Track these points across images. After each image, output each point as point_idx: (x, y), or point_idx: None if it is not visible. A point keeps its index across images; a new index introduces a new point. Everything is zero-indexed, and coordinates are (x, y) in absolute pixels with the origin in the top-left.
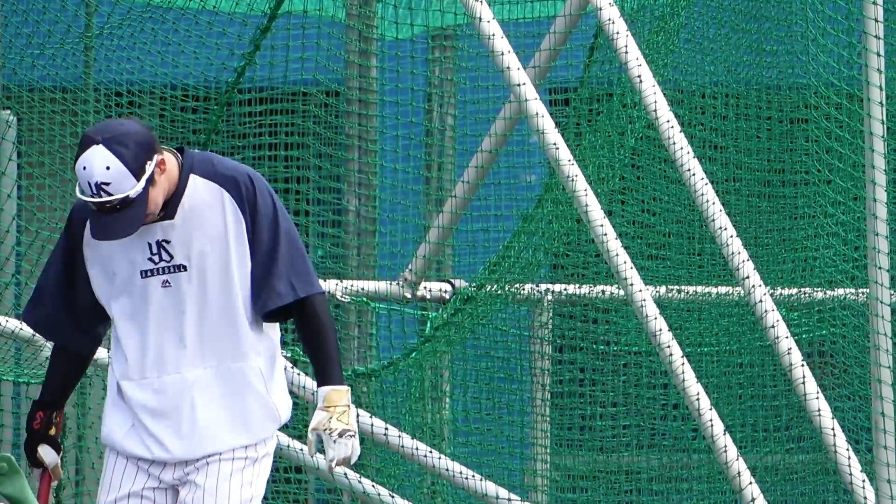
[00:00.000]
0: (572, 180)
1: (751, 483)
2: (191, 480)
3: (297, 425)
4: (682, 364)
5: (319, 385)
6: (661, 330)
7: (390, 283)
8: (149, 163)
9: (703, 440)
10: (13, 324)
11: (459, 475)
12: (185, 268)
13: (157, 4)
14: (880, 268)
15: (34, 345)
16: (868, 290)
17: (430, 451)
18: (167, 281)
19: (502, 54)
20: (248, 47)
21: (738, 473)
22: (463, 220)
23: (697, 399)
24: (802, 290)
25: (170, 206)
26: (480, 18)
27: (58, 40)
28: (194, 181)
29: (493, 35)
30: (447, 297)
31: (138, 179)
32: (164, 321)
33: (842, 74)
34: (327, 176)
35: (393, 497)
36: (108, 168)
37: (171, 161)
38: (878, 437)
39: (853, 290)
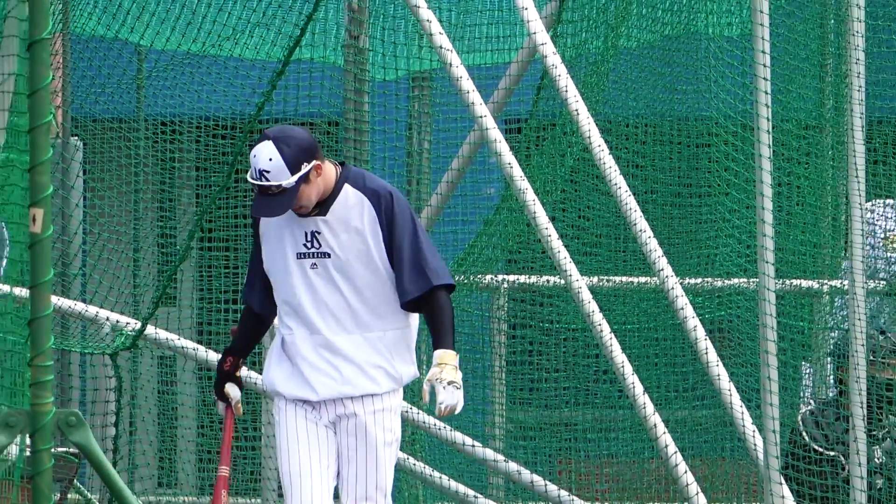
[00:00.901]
0: (523, 192)
1: (664, 433)
2: (342, 416)
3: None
4: (611, 338)
5: (434, 349)
6: (593, 311)
7: None
8: (305, 164)
9: (627, 399)
10: (80, 306)
11: (433, 426)
12: (329, 255)
13: (194, 52)
14: (767, 262)
15: (97, 323)
16: (757, 280)
17: (410, 408)
18: (315, 264)
19: (468, 92)
20: (267, 87)
21: (655, 425)
22: (437, 224)
23: (622, 366)
24: (705, 279)
25: (324, 206)
26: (451, 64)
27: (115, 81)
28: (346, 189)
29: (461, 77)
30: None
31: (293, 174)
32: (313, 295)
33: (737, 108)
34: None
35: None
36: (270, 160)
37: (329, 169)
38: (765, 396)
39: (746, 280)
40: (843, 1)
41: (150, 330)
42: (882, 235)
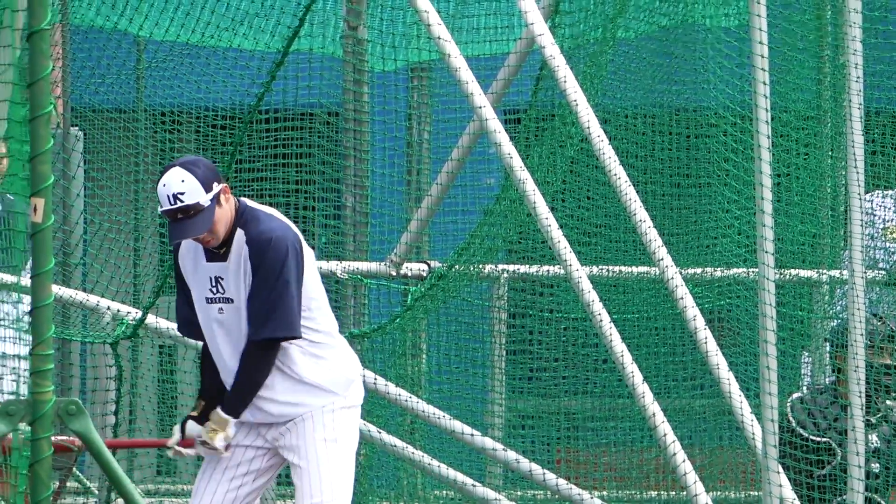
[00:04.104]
0: (523, 183)
1: (663, 422)
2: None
3: None
4: (610, 327)
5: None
6: (593, 301)
7: (379, 264)
8: (216, 183)
9: (626, 388)
10: (81, 296)
11: (433, 415)
12: (231, 300)
13: (194, 43)
14: (766, 252)
15: (98, 312)
16: (757, 270)
17: (410, 397)
18: (221, 308)
19: (467, 83)
20: (266, 77)
21: (654, 414)
22: (437, 214)
23: (622, 355)
24: (705, 269)
25: (225, 251)
26: (450, 55)
27: (115, 71)
28: (238, 234)
29: (460, 68)
30: (425, 275)
31: (207, 192)
32: (224, 338)
33: (736, 99)
34: (329, 179)
35: (380, 433)
36: (183, 181)
37: (231, 199)
38: (764, 385)
39: (745, 270)
40: None
41: (151, 319)
42: (881, 226)
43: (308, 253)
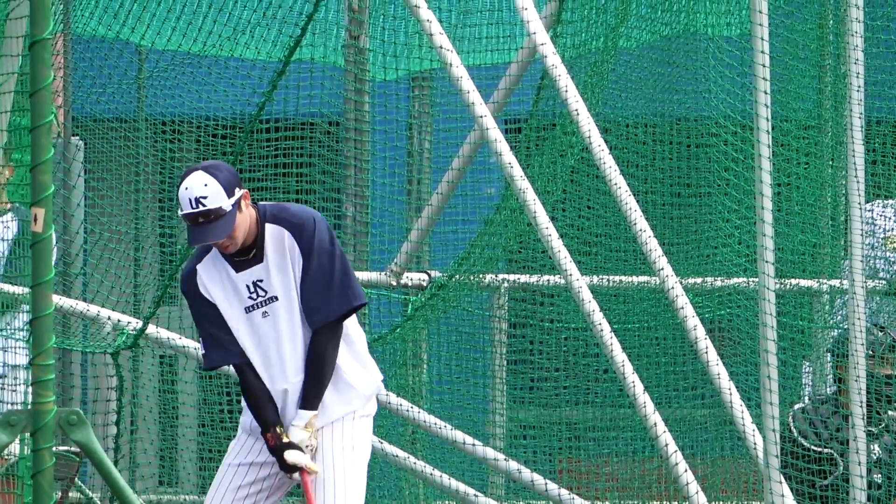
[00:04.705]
0: (523, 192)
1: (665, 432)
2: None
3: None
4: (611, 337)
5: (302, 407)
6: (594, 311)
7: (380, 274)
8: (238, 189)
9: (627, 397)
10: (82, 306)
11: (434, 426)
12: (276, 298)
13: (195, 53)
14: (767, 262)
15: (98, 322)
16: (757, 280)
17: (411, 407)
18: (266, 312)
19: (468, 92)
20: (267, 87)
21: (655, 424)
22: (437, 223)
23: (623, 365)
24: (705, 279)
25: (257, 252)
26: (451, 64)
27: (116, 81)
28: (272, 229)
29: (461, 77)
30: (425, 284)
31: (229, 197)
32: (273, 338)
33: (736, 108)
34: (330, 188)
35: (381, 443)
36: (205, 185)
37: (250, 205)
38: (765, 395)
39: (745, 280)
40: (841, 1)
41: (152, 329)
42: (882, 235)
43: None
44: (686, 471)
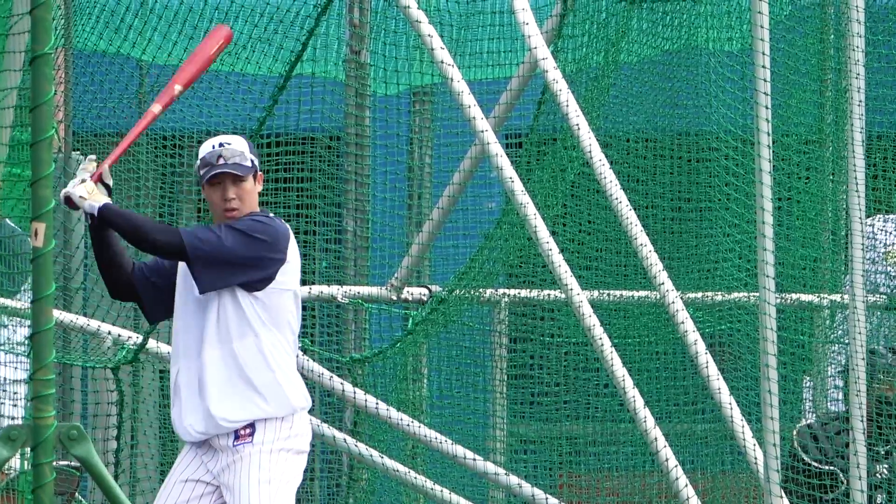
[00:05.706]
0: (524, 207)
1: (665, 446)
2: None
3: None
4: (611, 352)
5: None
6: (594, 325)
7: (380, 288)
8: (257, 162)
9: (628, 412)
10: (82, 320)
11: (435, 440)
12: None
13: None
14: (767, 276)
15: (99, 337)
16: (758, 294)
17: (412, 421)
18: (199, 299)
19: (469, 107)
20: (268, 102)
21: (655, 438)
22: (438, 238)
23: (623, 380)
24: (706, 293)
25: None
26: (452, 79)
27: (117, 96)
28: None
29: (462, 92)
30: (425, 299)
31: (251, 159)
32: (190, 321)
33: (737, 123)
34: (330, 203)
35: (382, 457)
36: (231, 141)
37: (259, 188)
38: (766, 410)
39: (746, 294)
40: (842, 16)
41: (152, 344)
42: (882, 250)
43: (294, 255)
44: (687, 485)
